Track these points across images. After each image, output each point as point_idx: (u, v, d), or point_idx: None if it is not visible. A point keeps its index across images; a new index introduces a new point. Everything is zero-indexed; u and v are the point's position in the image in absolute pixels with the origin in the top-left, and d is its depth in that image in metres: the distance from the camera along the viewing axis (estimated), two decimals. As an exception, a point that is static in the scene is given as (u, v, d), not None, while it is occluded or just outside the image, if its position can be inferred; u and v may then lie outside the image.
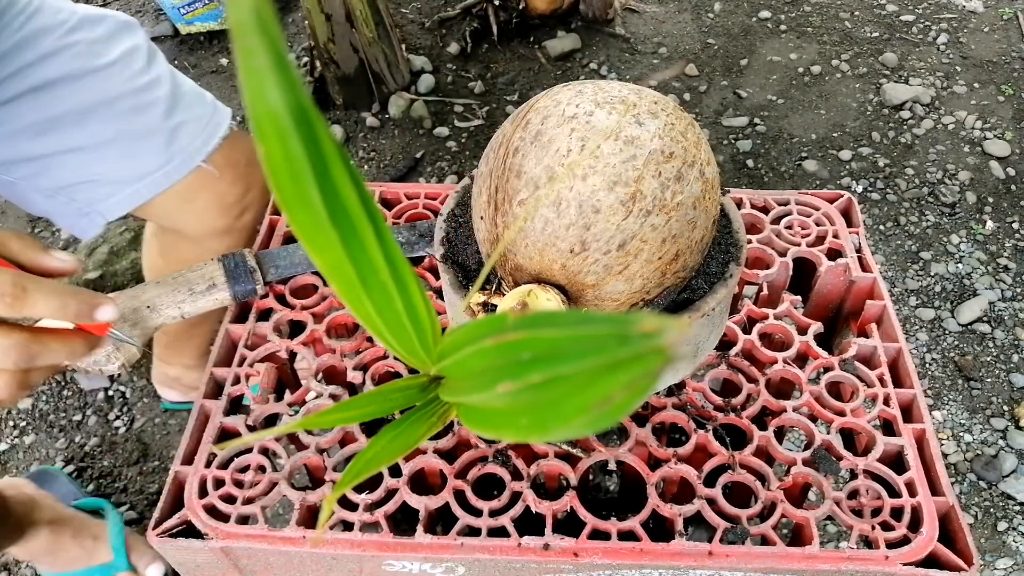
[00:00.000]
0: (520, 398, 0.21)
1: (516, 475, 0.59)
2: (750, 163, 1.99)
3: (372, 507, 0.58)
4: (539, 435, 0.21)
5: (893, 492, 0.58)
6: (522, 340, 0.21)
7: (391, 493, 0.59)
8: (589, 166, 0.44)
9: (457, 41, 2.32)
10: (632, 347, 0.18)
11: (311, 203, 0.22)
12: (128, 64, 0.82)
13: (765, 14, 2.42)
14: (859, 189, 1.90)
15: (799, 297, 0.71)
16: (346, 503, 0.59)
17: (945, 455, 1.48)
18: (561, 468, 0.59)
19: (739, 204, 0.76)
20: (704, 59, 2.29)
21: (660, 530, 0.58)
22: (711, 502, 0.57)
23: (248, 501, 0.59)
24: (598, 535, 0.56)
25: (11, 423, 1.61)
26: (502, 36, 2.33)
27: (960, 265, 1.77)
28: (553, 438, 0.22)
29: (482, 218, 0.50)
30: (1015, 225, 1.83)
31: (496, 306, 0.48)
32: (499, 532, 0.56)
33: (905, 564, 0.54)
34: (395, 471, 0.60)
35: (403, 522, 0.70)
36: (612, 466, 0.62)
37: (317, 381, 0.66)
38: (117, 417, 1.62)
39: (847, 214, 0.76)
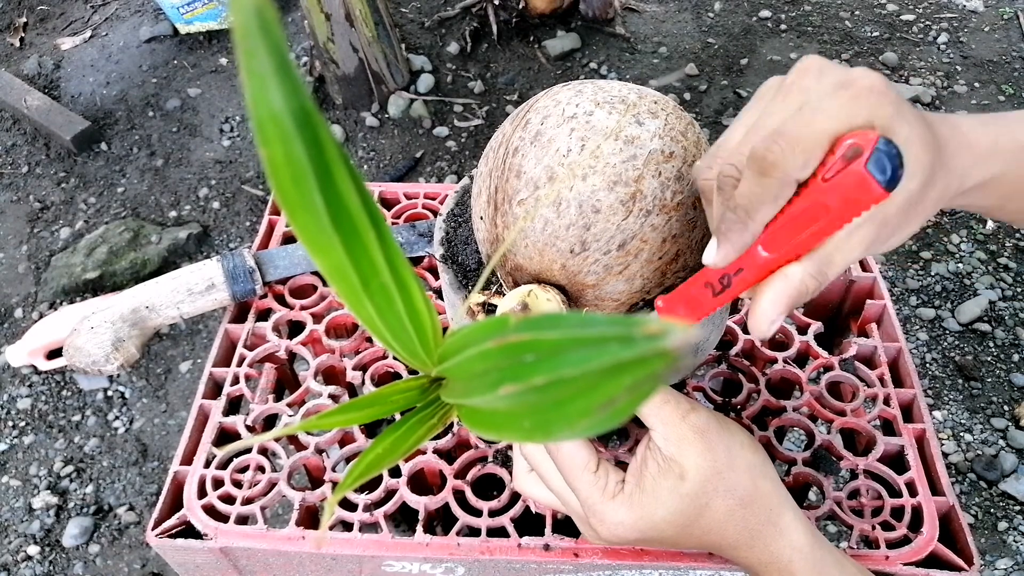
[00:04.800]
0: (523, 400, 0.21)
1: (516, 475, 0.59)
2: (750, 163, 1.99)
3: (372, 507, 0.58)
4: (542, 437, 0.21)
5: (893, 492, 0.58)
6: (525, 342, 0.21)
7: (391, 493, 0.59)
8: (589, 166, 0.44)
9: (457, 41, 2.32)
10: (636, 350, 0.18)
11: (313, 206, 0.22)
12: None
13: (765, 13, 2.42)
14: (859, 189, 1.90)
15: (799, 297, 0.71)
16: (346, 503, 0.59)
17: (945, 455, 1.48)
18: (561, 468, 0.59)
19: (739, 204, 0.76)
20: (704, 59, 2.29)
21: (660, 530, 0.57)
22: (711, 502, 0.57)
23: (247, 501, 0.59)
24: (598, 535, 0.56)
25: (11, 423, 1.61)
26: (502, 36, 2.33)
27: (960, 264, 1.77)
28: (556, 440, 0.22)
29: (482, 218, 0.50)
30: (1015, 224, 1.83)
31: (496, 306, 0.48)
32: (499, 532, 0.56)
33: (906, 564, 0.54)
34: (395, 471, 0.60)
35: (403, 522, 0.70)
36: (612, 466, 0.62)
37: (316, 381, 0.66)
38: (116, 418, 1.62)
39: (847, 214, 0.76)
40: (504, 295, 0.48)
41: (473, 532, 0.57)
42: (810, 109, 0.35)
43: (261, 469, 0.61)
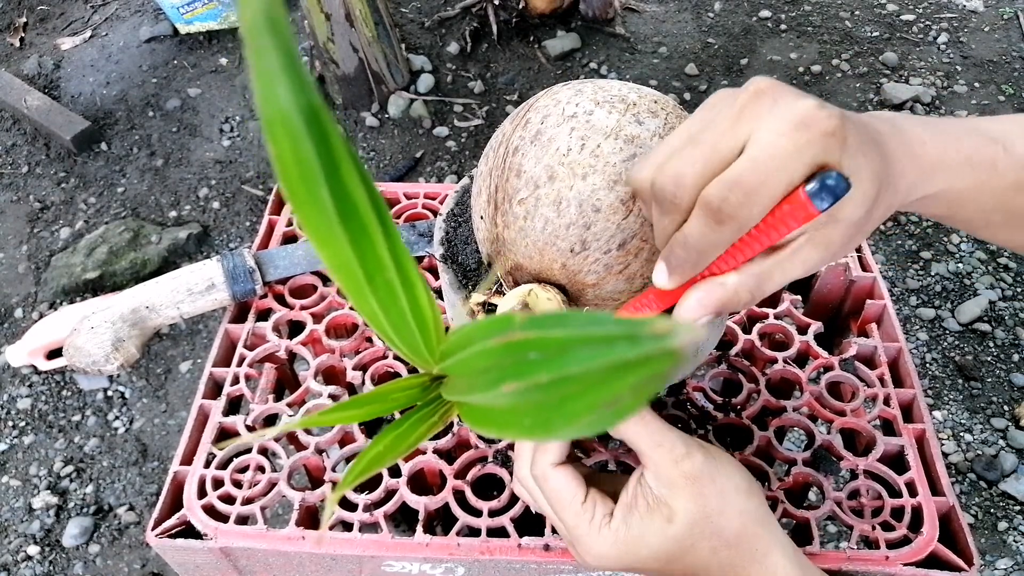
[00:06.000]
0: (525, 398, 0.21)
1: (516, 475, 0.59)
2: (750, 163, 1.99)
3: (372, 507, 0.58)
4: (543, 435, 0.21)
5: (893, 492, 0.58)
6: (529, 340, 0.21)
7: (391, 493, 0.59)
8: (589, 165, 0.44)
9: (457, 41, 2.32)
10: (641, 349, 0.18)
11: (321, 202, 0.22)
12: None
13: (765, 13, 2.42)
14: (859, 189, 1.90)
15: (799, 296, 0.71)
16: (346, 503, 0.59)
17: (945, 455, 1.48)
18: (561, 468, 0.59)
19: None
20: (704, 58, 2.29)
21: (660, 530, 0.57)
22: (712, 502, 0.57)
23: (247, 501, 0.59)
24: (598, 535, 0.56)
25: (11, 423, 1.61)
26: (502, 36, 2.33)
27: (960, 264, 1.77)
28: (557, 438, 0.22)
29: (482, 217, 0.49)
30: (1015, 225, 1.83)
31: (496, 306, 0.48)
32: (499, 532, 0.56)
33: (906, 564, 0.54)
34: (395, 471, 0.60)
35: (403, 522, 0.70)
36: (612, 467, 0.62)
37: (316, 381, 0.66)
38: (116, 418, 1.62)
39: (847, 214, 0.76)
40: (504, 295, 0.48)
41: (473, 532, 0.57)
42: (765, 155, 0.34)
43: (261, 469, 0.61)
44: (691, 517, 0.42)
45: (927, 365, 1.61)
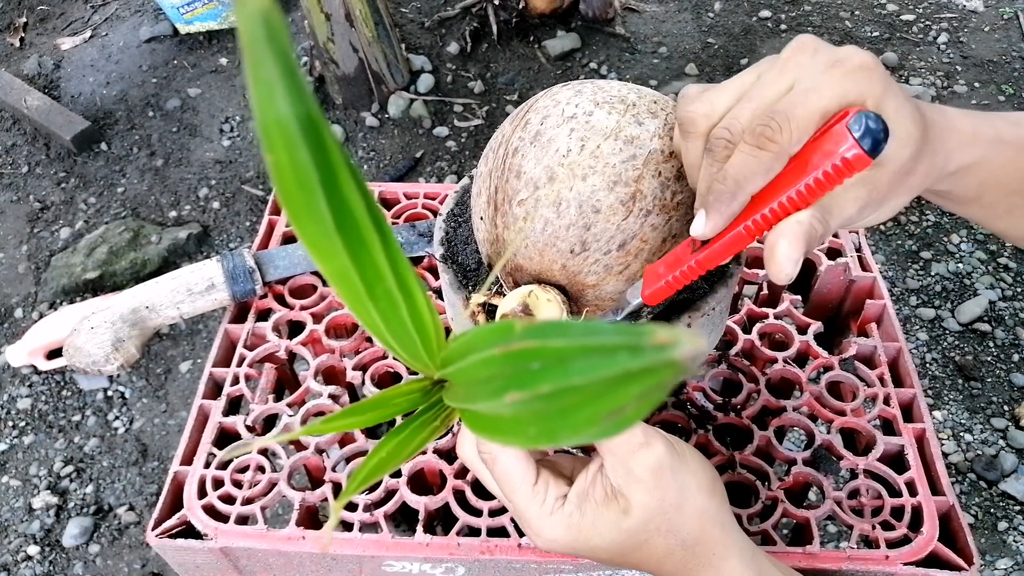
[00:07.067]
0: (528, 408, 0.21)
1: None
2: (750, 162, 1.99)
3: (372, 507, 0.58)
4: (548, 443, 0.21)
5: (893, 492, 0.58)
6: (531, 349, 0.21)
7: (391, 493, 0.59)
8: (589, 166, 0.44)
9: (457, 41, 2.32)
10: (644, 359, 0.18)
11: (318, 212, 0.22)
12: None
13: (765, 13, 2.42)
14: (859, 188, 1.90)
15: (799, 296, 0.71)
16: (346, 503, 0.59)
17: (945, 455, 1.48)
18: (561, 469, 0.59)
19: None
20: (704, 59, 2.29)
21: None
22: (712, 502, 0.57)
23: (247, 501, 0.59)
24: (599, 536, 0.56)
25: (11, 423, 1.61)
26: (502, 36, 2.33)
27: (960, 264, 1.77)
28: (562, 446, 0.22)
29: (482, 218, 0.50)
30: (1014, 224, 1.82)
31: (496, 306, 0.48)
32: (499, 532, 0.56)
33: (905, 564, 0.54)
34: (395, 471, 0.60)
35: (403, 522, 0.70)
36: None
37: (316, 381, 0.66)
38: (116, 418, 1.62)
39: (847, 214, 0.76)
40: (504, 295, 0.48)
41: (473, 532, 0.57)
42: (803, 88, 0.37)
43: (261, 469, 0.61)
44: (648, 511, 0.41)
45: (927, 365, 1.61)
